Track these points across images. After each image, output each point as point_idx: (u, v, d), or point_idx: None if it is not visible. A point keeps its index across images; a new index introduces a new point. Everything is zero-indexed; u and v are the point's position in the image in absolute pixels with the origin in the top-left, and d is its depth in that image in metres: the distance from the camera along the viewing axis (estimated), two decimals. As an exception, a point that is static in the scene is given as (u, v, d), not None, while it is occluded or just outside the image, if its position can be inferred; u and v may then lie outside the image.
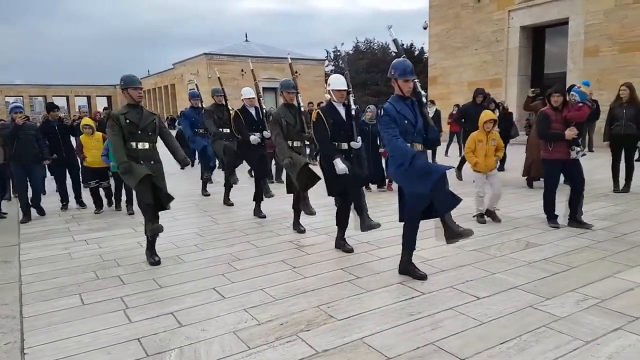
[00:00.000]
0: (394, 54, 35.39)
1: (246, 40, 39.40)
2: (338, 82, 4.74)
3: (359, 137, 4.80)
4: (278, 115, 5.51)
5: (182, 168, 5.22)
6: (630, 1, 15.34)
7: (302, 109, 5.66)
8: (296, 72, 5.85)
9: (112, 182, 7.42)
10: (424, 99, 4.01)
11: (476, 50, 20.30)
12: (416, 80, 3.95)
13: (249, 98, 6.69)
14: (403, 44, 41.10)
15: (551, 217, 5.66)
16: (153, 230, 4.54)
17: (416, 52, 40.60)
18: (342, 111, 4.76)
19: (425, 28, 23.16)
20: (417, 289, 3.79)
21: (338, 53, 43.68)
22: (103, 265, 4.64)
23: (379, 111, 4.10)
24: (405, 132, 3.85)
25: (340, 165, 4.55)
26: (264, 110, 6.74)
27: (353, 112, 4.78)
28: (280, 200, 6.63)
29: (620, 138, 7.48)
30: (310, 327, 3.17)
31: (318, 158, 5.18)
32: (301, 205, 5.56)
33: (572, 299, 3.51)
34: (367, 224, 4.63)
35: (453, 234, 3.84)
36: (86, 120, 7.58)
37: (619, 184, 7.69)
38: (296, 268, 4.41)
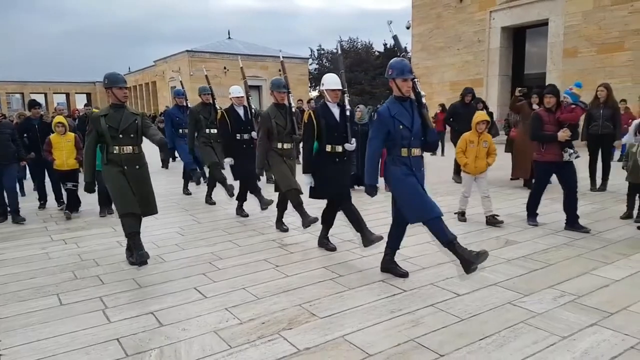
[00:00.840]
0: (377, 53, 35.44)
1: (229, 38, 39.14)
2: (332, 81, 4.54)
3: (354, 139, 4.62)
4: (267, 116, 5.29)
5: (163, 160, 4.98)
6: (608, 3, 15.66)
7: (293, 109, 5.46)
8: (279, 70, 5.76)
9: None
10: (423, 100, 3.81)
11: (458, 50, 20.51)
12: (416, 79, 3.79)
13: (238, 97, 6.31)
14: (386, 44, 41.58)
15: (532, 215, 5.73)
16: (140, 257, 4.21)
17: (399, 52, 40.84)
18: (336, 112, 4.58)
19: (408, 28, 23.31)
20: (399, 287, 3.81)
21: (323, 52, 43.67)
22: (82, 265, 4.57)
23: (372, 114, 3.99)
24: (401, 137, 3.70)
25: (306, 180, 4.70)
26: (253, 110, 6.39)
27: (348, 113, 4.60)
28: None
29: (597, 138, 7.64)
30: (292, 326, 3.17)
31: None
32: (302, 221, 5.21)
33: (549, 295, 3.58)
34: (369, 240, 4.50)
35: (467, 262, 3.59)
36: (59, 118, 7.05)
37: (596, 183, 7.86)
38: (279, 267, 4.40)
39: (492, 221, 5.72)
